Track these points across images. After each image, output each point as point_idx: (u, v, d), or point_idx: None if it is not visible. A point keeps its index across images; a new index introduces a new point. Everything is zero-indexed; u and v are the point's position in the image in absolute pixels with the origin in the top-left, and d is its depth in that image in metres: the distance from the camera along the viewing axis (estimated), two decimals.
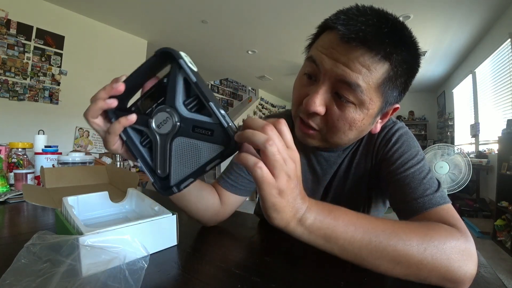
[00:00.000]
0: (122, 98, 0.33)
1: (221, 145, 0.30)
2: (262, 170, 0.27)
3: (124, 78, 0.32)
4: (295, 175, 0.29)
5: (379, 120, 0.50)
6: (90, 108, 0.33)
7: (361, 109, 0.43)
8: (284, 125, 0.29)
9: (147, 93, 0.33)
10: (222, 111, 0.30)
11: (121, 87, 0.32)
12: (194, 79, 0.30)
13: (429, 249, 0.33)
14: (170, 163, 0.32)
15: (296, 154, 0.30)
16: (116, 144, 0.35)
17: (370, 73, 0.40)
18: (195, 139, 0.31)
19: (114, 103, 0.32)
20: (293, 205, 0.30)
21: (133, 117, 0.32)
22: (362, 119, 0.44)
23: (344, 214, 0.33)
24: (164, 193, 0.33)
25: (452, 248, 0.34)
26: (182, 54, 0.30)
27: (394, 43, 0.39)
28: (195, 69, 0.31)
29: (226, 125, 0.29)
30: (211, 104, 0.29)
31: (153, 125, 0.32)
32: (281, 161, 0.27)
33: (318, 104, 0.42)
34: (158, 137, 0.32)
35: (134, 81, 0.33)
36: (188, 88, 0.31)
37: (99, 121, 0.34)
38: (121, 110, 0.34)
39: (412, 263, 0.33)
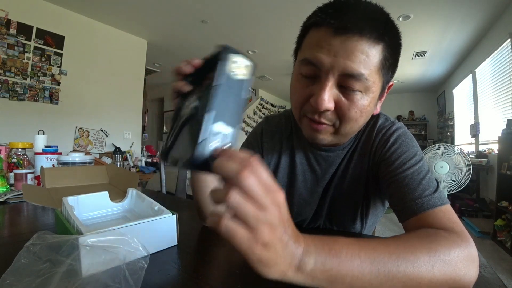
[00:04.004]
0: (196, 75, 0.35)
1: (189, 153, 0.26)
2: (227, 228, 0.23)
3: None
4: (281, 221, 0.25)
5: (379, 101, 0.51)
6: (177, 66, 0.36)
7: (367, 94, 0.44)
8: (258, 166, 0.25)
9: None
10: (221, 127, 0.27)
11: (196, 61, 0.34)
12: (215, 82, 0.27)
13: (436, 265, 0.32)
14: (174, 140, 0.32)
15: (278, 195, 0.26)
16: (175, 100, 0.36)
17: (369, 59, 0.41)
18: (188, 134, 0.29)
19: (188, 68, 0.34)
20: (286, 253, 0.26)
21: (185, 87, 0.34)
22: (369, 103, 0.45)
23: (345, 246, 0.30)
24: (161, 156, 0.33)
25: (456, 257, 0.33)
26: (232, 55, 0.28)
27: (382, 24, 0.41)
28: (236, 76, 0.29)
29: (201, 139, 0.26)
30: (206, 115, 0.26)
31: (185, 103, 0.33)
32: (253, 212, 0.23)
33: (328, 101, 0.43)
34: (180, 113, 0.33)
35: (203, 67, 0.34)
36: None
37: (179, 77, 0.36)
38: (192, 82, 0.35)
39: (423, 284, 0.31)
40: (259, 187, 0.24)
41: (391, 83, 0.50)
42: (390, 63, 0.45)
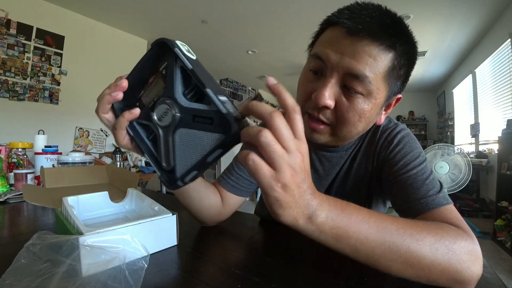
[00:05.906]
0: (128, 95, 0.33)
1: (221, 134, 0.28)
2: (254, 161, 0.25)
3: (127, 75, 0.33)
4: (302, 168, 0.27)
5: (383, 112, 0.51)
6: (99, 104, 0.34)
7: (369, 99, 0.44)
8: (296, 113, 0.27)
9: (150, 87, 0.33)
10: (222, 98, 0.28)
11: (124, 83, 0.32)
12: (189, 66, 0.28)
13: (440, 250, 0.32)
14: (174, 155, 0.31)
15: (304, 146, 0.27)
16: (125, 139, 0.35)
17: (376, 63, 0.41)
18: (195, 130, 0.29)
19: (119, 95, 0.33)
20: (301, 201, 0.27)
21: (136, 111, 0.33)
22: (371, 109, 0.45)
23: (356, 211, 0.31)
24: (170, 186, 0.32)
25: (461, 248, 0.33)
26: (178, 42, 0.29)
27: (397, 33, 0.41)
28: (193, 57, 0.30)
29: (224, 111, 0.27)
30: (208, 90, 0.27)
31: (155, 117, 0.31)
32: (280, 152, 0.25)
33: (328, 97, 0.43)
34: (160, 130, 0.31)
35: (137, 77, 0.33)
36: (188, 78, 0.30)
37: (109, 116, 0.35)
38: (128, 107, 0.34)
39: (425, 264, 0.32)
40: (287, 131, 0.25)
41: (399, 96, 0.50)
42: (399, 74, 0.44)
